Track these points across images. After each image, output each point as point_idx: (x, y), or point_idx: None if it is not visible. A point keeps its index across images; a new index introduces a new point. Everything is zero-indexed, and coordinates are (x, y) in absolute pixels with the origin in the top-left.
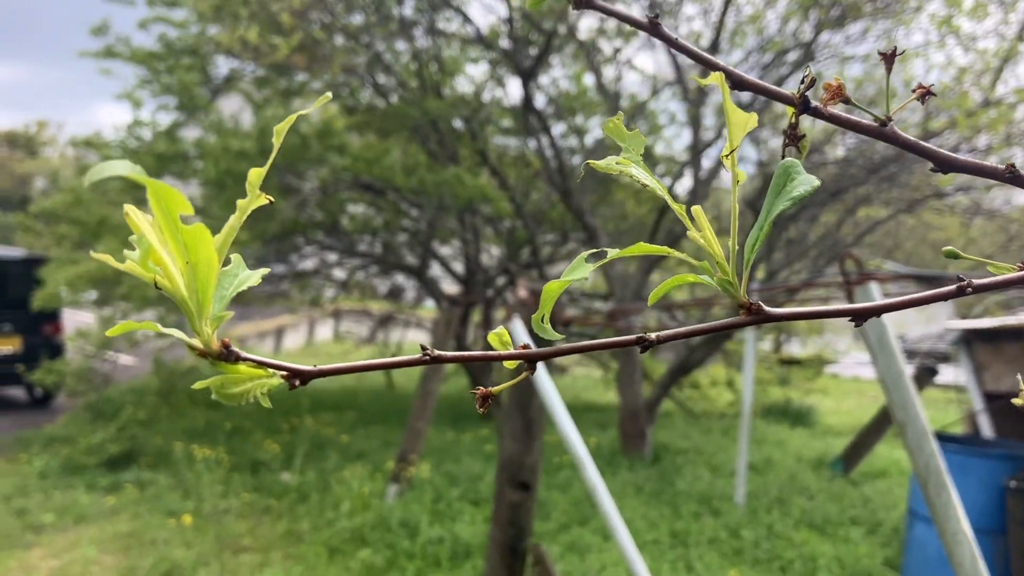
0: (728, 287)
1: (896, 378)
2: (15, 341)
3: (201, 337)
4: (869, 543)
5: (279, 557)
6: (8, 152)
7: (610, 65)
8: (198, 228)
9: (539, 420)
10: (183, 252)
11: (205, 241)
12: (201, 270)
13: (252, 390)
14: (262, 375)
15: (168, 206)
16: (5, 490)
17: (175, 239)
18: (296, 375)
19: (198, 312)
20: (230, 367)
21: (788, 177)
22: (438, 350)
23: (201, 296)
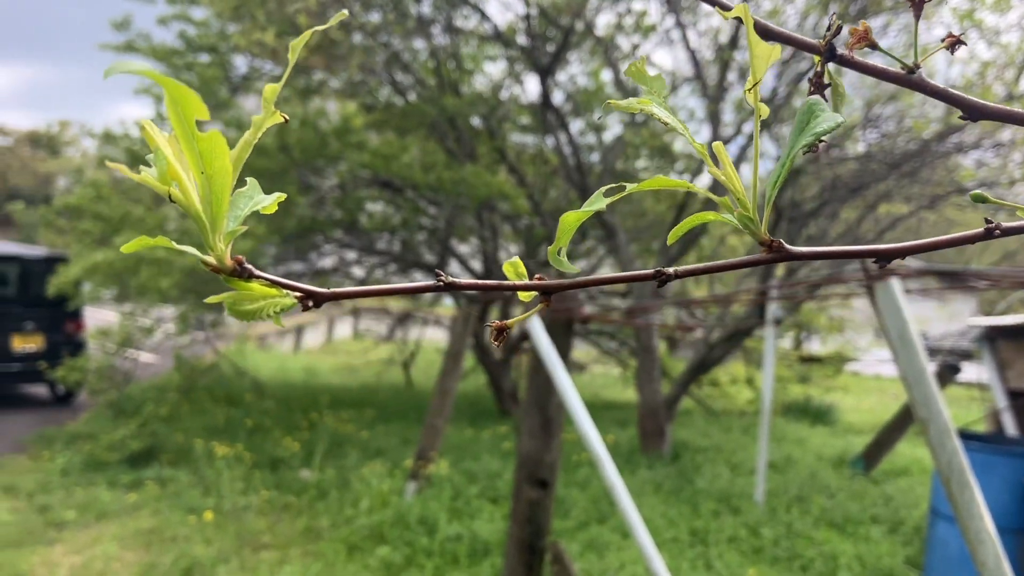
0: (749, 223)
1: (918, 375)
2: (38, 339)
3: (214, 252)
4: (890, 542)
5: (298, 554)
6: (31, 152)
7: (628, 61)
8: (214, 136)
9: (557, 418)
10: (198, 161)
11: (221, 151)
12: (216, 181)
13: (265, 308)
14: (275, 294)
15: (184, 110)
16: (28, 487)
17: (190, 147)
18: (310, 296)
19: (212, 226)
20: (243, 284)
21: (812, 114)
22: (456, 348)
23: (215, 209)
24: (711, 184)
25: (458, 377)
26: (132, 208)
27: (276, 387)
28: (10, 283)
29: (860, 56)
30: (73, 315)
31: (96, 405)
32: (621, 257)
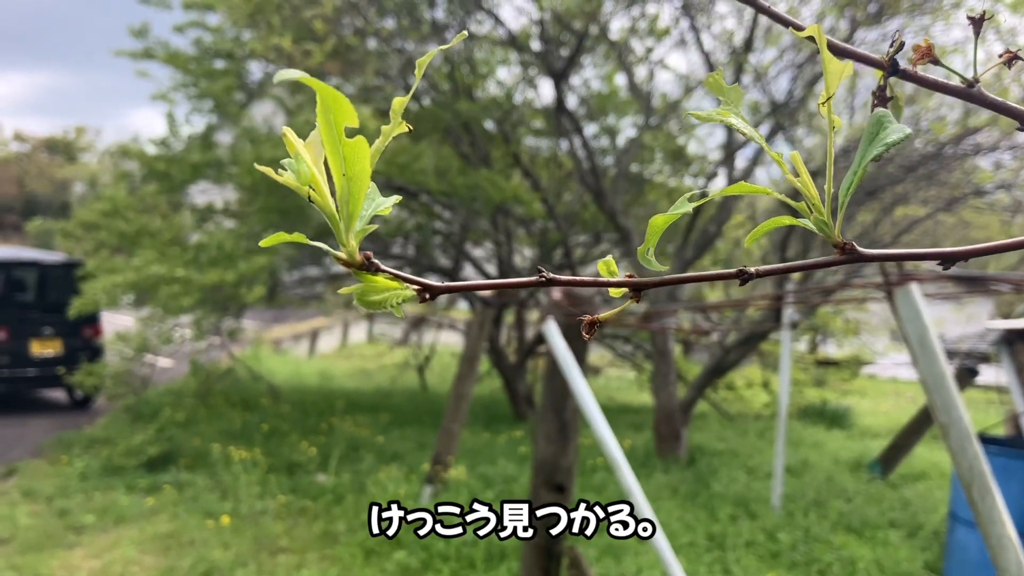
0: (824, 227)
1: (938, 380)
2: (56, 344)
3: (346, 248)
4: (909, 546)
5: (315, 558)
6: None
7: (642, 65)
8: (359, 142)
9: (574, 422)
10: (342, 164)
11: (363, 155)
12: (356, 183)
13: (388, 299)
14: (397, 287)
15: (336, 116)
16: (47, 491)
17: (336, 150)
18: (426, 289)
19: (346, 225)
20: (370, 277)
21: (880, 126)
22: (471, 352)
23: (352, 209)
24: (791, 191)
25: (473, 381)
26: (148, 221)
27: (291, 391)
28: (29, 288)
29: (921, 70)
30: (91, 320)
31: (114, 410)
32: (636, 261)
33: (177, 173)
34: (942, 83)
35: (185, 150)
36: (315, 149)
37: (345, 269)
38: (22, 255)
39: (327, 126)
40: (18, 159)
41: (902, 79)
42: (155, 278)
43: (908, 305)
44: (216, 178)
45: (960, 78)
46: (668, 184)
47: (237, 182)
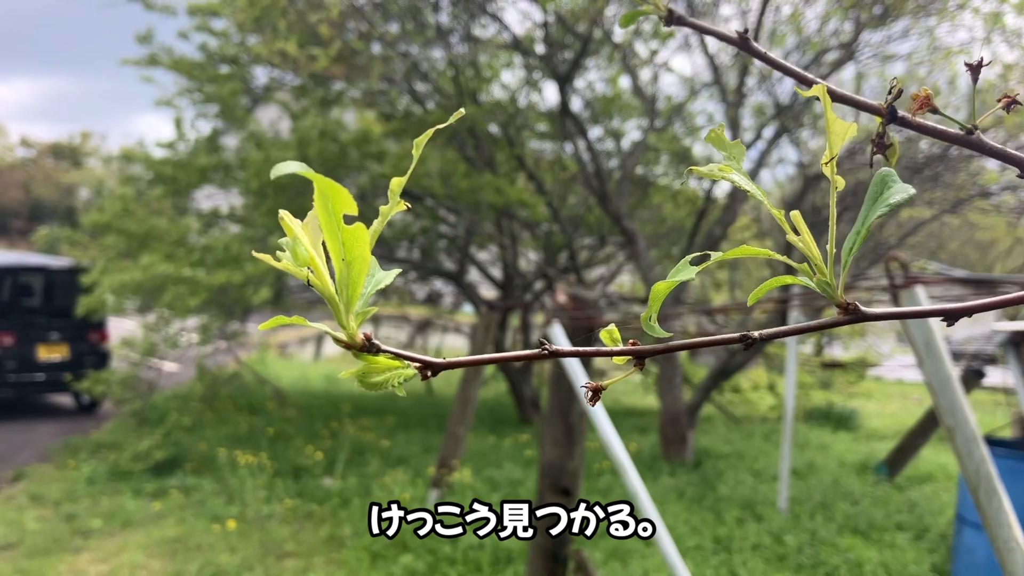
0: (827, 288)
1: (944, 382)
2: (62, 349)
3: (347, 331)
4: (916, 549)
5: (322, 562)
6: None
7: (646, 67)
8: (358, 228)
9: (580, 425)
10: (340, 250)
11: (361, 240)
12: (355, 267)
13: (390, 379)
14: (398, 366)
15: (334, 205)
16: (55, 495)
17: (335, 236)
18: (428, 367)
19: (346, 307)
20: (371, 358)
21: (885, 185)
22: (478, 354)
23: (351, 292)
24: (785, 247)
25: (479, 385)
26: (156, 222)
27: (297, 395)
28: (35, 294)
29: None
30: (97, 325)
31: (120, 414)
32: (641, 263)
33: (183, 177)
34: (941, 130)
35: (192, 153)
36: (313, 231)
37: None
38: (28, 260)
39: (325, 214)
40: (24, 165)
41: (901, 126)
42: (162, 278)
43: (914, 304)
44: (222, 183)
45: (959, 126)
46: (673, 186)
47: (243, 186)
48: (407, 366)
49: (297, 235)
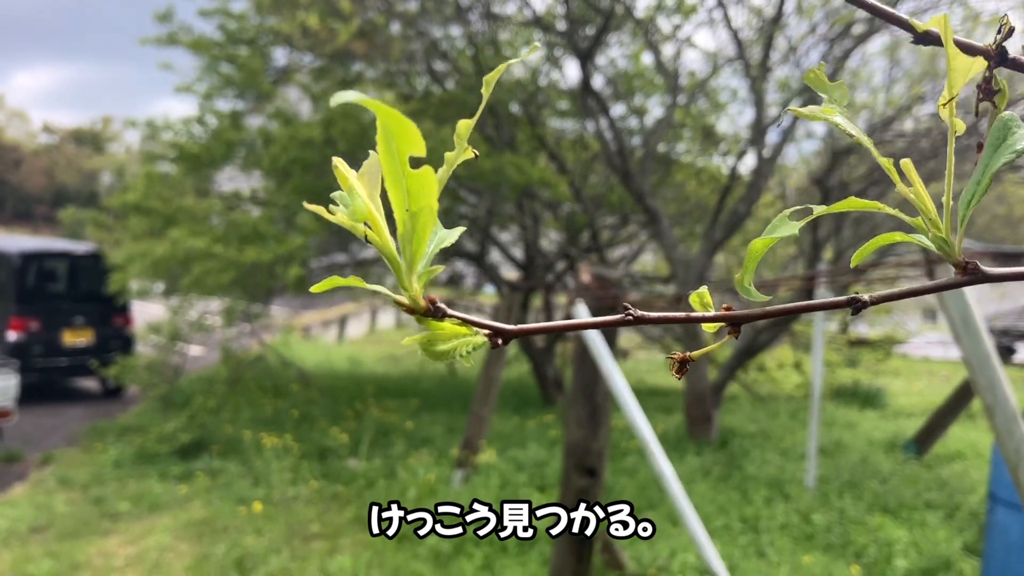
0: (944, 246)
1: (983, 359)
2: (88, 333)
3: (409, 293)
4: (946, 528)
5: (348, 543)
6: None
7: (669, 43)
8: (425, 173)
9: (604, 406)
10: (405, 199)
11: (429, 188)
12: (421, 219)
13: (457, 348)
14: (466, 333)
15: (400, 144)
16: (82, 479)
17: (398, 184)
18: (499, 334)
19: (408, 266)
20: (436, 324)
21: (1008, 131)
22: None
23: (415, 248)
24: (899, 202)
25: (502, 365)
26: (181, 201)
27: (322, 377)
28: (60, 279)
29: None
30: (121, 310)
31: (146, 398)
32: (664, 242)
33: (206, 155)
34: None
35: (217, 129)
36: (370, 180)
37: (372, 255)
38: (53, 246)
39: (389, 155)
40: (47, 151)
41: (1012, 68)
42: (190, 253)
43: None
44: (244, 163)
45: None
46: (696, 164)
47: (268, 164)
48: (476, 333)
49: (352, 185)
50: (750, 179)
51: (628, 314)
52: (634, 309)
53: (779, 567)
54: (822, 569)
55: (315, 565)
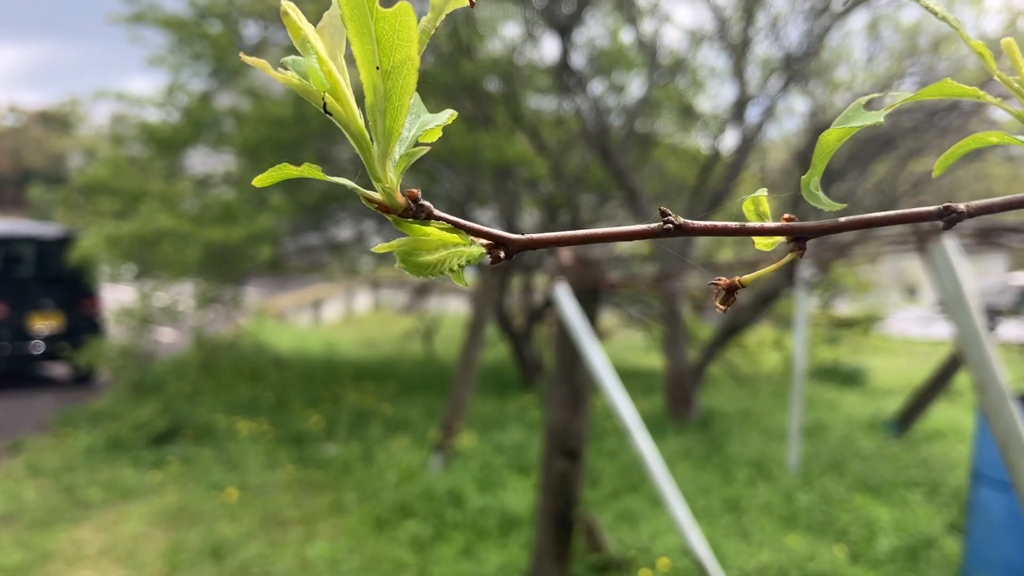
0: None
1: (974, 336)
2: (56, 318)
3: (383, 184)
4: (929, 506)
5: (325, 529)
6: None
7: (648, 19)
8: (402, 12)
9: (585, 387)
10: (374, 51)
11: (407, 34)
12: (398, 81)
13: (447, 260)
14: (459, 241)
15: None
16: (53, 466)
17: (365, 30)
18: (501, 243)
19: (383, 148)
20: (419, 228)
21: None
22: (478, 318)
23: (390, 123)
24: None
25: (481, 348)
26: (150, 183)
27: (297, 361)
28: (27, 263)
29: None
30: (90, 294)
31: (117, 384)
32: (643, 220)
33: (176, 136)
34: None
35: (186, 108)
36: (333, 36)
37: (347, 236)
38: (20, 229)
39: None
40: (14, 132)
41: None
42: (159, 232)
43: (943, 260)
44: (215, 143)
45: None
46: (676, 142)
47: (239, 144)
48: (471, 242)
49: (308, 38)
50: (731, 157)
51: (668, 221)
52: (675, 216)
53: (762, 547)
54: (805, 549)
55: (292, 551)
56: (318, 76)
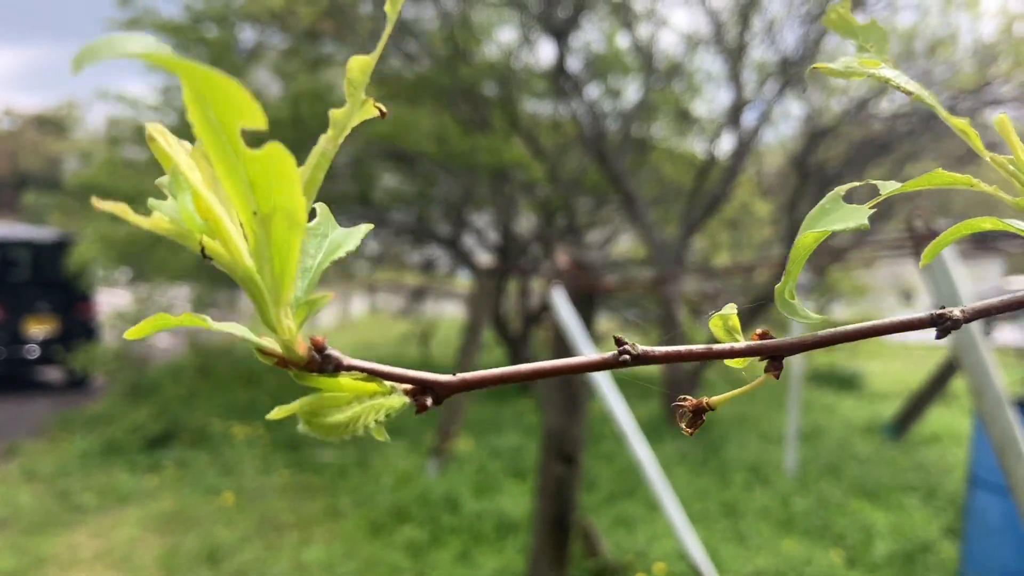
0: None
1: (969, 342)
2: (52, 322)
3: (278, 334)
4: (925, 510)
5: (321, 533)
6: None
7: (644, 23)
8: (274, 152)
9: (582, 392)
10: (247, 196)
11: (285, 177)
12: (278, 225)
13: (361, 416)
14: (376, 390)
15: (222, 113)
16: (48, 471)
17: (233, 174)
18: (429, 388)
19: (273, 295)
20: (327, 381)
21: None
22: (475, 322)
23: (278, 268)
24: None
25: (478, 351)
26: (145, 186)
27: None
28: (23, 267)
29: None
30: (86, 298)
31: (113, 388)
32: (641, 225)
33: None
34: None
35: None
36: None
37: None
38: (15, 233)
39: (210, 132)
40: (10, 136)
41: None
42: (151, 237)
43: (938, 264)
44: None
45: None
46: (672, 146)
47: None
48: (392, 390)
49: (179, 168)
50: (727, 161)
51: (624, 351)
52: (632, 346)
53: (759, 552)
54: (802, 553)
55: (288, 556)
56: (190, 217)
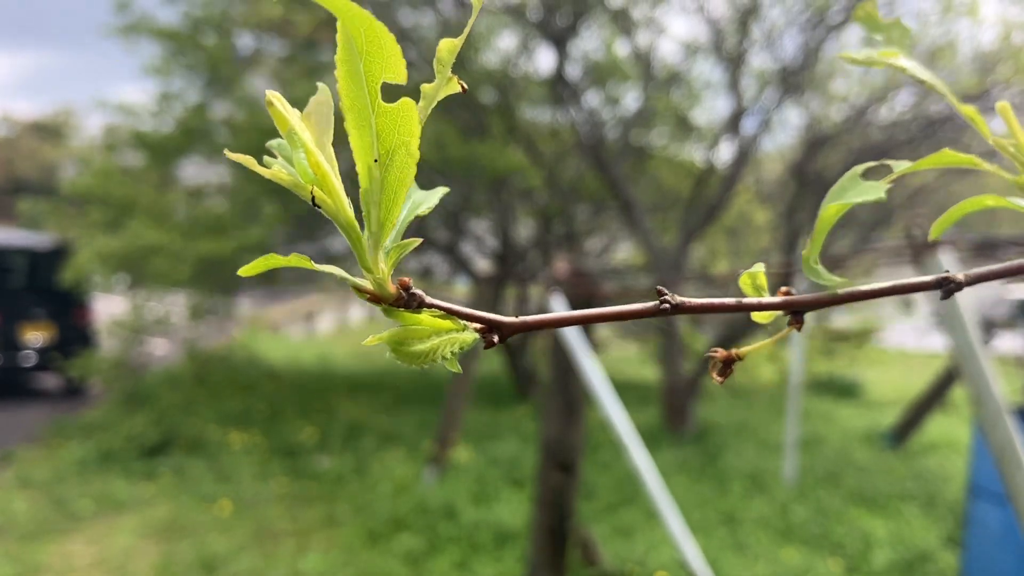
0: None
1: (969, 351)
2: (48, 329)
3: (373, 274)
4: (925, 519)
5: (318, 542)
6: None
7: (643, 30)
8: (404, 107)
9: (580, 399)
10: (372, 144)
11: (409, 127)
12: (396, 174)
13: (439, 348)
14: (452, 328)
15: (370, 65)
16: (44, 478)
17: (364, 123)
18: (495, 328)
19: (374, 240)
20: (410, 316)
21: None
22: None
23: (385, 212)
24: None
25: (475, 359)
26: (141, 193)
27: (290, 373)
28: (18, 273)
29: None
30: (82, 305)
31: (110, 395)
32: (640, 232)
33: (169, 143)
34: None
35: (180, 118)
36: (320, 123)
37: (341, 247)
38: (11, 239)
39: (353, 81)
40: (6, 142)
41: None
42: (147, 248)
43: (938, 271)
44: (209, 153)
45: None
46: (671, 154)
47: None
48: (464, 328)
49: (294, 128)
50: (726, 169)
51: (664, 302)
52: (671, 296)
53: (758, 561)
54: (801, 562)
55: (285, 564)
56: (304, 169)
